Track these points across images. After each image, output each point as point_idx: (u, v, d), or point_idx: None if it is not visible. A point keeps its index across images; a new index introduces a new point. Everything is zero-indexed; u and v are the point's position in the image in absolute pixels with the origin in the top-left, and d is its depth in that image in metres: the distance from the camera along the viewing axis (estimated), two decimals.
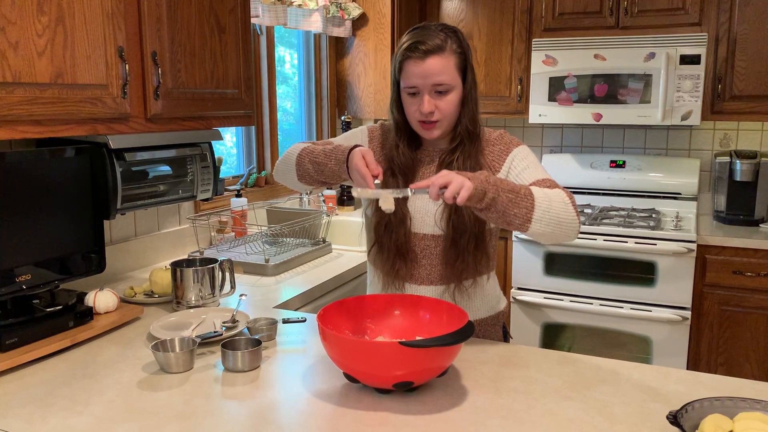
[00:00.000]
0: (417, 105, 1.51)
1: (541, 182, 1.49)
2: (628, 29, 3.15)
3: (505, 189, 1.33)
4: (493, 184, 1.32)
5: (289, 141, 3.47)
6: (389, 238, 1.58)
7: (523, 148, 1.59)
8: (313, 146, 1.59)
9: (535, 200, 1.36)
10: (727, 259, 2.85)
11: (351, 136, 1.70)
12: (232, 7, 2.07)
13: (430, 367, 1.24)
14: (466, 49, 1.52)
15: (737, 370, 2.88)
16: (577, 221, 1.42)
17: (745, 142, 3.32)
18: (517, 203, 1.34)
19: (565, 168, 3.56)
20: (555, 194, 1.41)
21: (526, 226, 1.36)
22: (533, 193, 1.37)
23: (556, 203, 1.39)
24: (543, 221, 1.36)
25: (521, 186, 1.37)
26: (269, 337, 1.59)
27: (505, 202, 1.32)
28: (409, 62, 1.48)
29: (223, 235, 2.63)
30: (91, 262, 1.79)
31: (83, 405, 1.26)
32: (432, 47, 1.46)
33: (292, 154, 1.62)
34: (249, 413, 1.22)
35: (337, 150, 1.50)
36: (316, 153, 1.55)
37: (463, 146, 1.55)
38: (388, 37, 3.39)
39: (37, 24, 1.47)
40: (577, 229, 1.43)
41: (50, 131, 1.54)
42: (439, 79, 1.47)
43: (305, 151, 1.59)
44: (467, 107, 1.54)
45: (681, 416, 1.06)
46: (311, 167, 1.56)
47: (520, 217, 1.34)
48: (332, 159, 1.50)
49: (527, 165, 1.54)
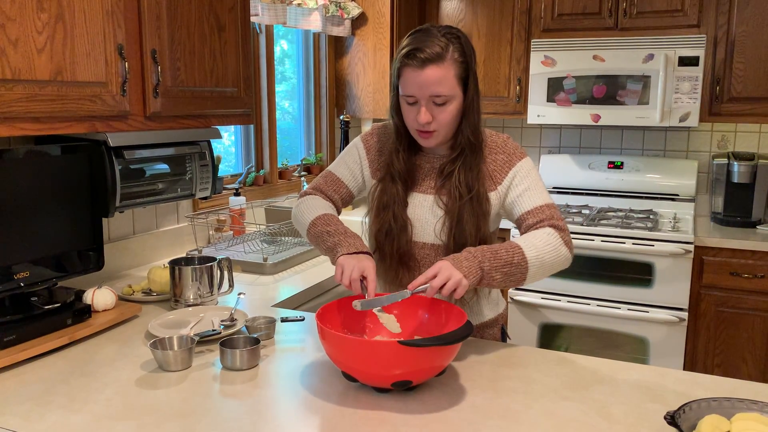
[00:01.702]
0: (414, 114, 1.47)
1: (539, 210, 1.49)
2: (626, 30, 3.16)
3: (498, 267, 1.38)
4: (486, 271, 1.37)
5: (288, 140, 3.47)
6: (391, 246, 1.56)
7: (526, 162, 1.56)
8: (317, 229, 1.55)
9: (528, 263, 1.41)
10: (725, 260, 2.85)
11: (347, 156, 1.68)
12: (232, 5, 2.07)
13: (428, 366, 1.24)
14: (468, 58, 1.46)
15: (734, 371, 2.89)
16: (569, 257, 1.49)
17: (742, 144, 3.33)
18: (512, 274, 1.41)
19: (563, 169, 3.56)
20: (545, 242, 1.44)
21: (517, 285, 1.45)
22: (525, 254, 1.41)
23: (548, 254, 1.44)
24: (536, 276, 1.45)
25: (512, 251, 1.40)
26: (268, 335, 1.59)
27: (500, 279, 1.40)
28: (406, 70, 1.43)
29: (222, 234, 2.63)
30: (90, 259, 1.79)
31: (81, 403, 1.26)
32: (430, 56, 1.40)
33: (303, 224, 1.61)
34: (247, 412, 1.22)
35: (335, 248, 1.48)
36: (319, 240, 1.54)
37: (463, 156, 1.51)
38: (387, 36, 3.39)
39: (36, 21, 1.46)
40: (570, 260, 1.50)
41: (49, 128, 1.54)
42: (437, 90, 1.42)
43: (310, 233, 1.57)
44: (469, 118, 1.49)
45: (678, 417, 1.06)
46: (316, 248, 1.58)
47: (515, 282, 1.43)
48: (331, 256, 1.50)
49: (527, 186, 1.52)
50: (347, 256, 1.42)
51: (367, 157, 1.64)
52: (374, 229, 1.59)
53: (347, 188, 1.67)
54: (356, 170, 1.66)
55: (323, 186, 1.67)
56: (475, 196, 1.50)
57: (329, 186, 1.67)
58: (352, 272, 1.38)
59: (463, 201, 1.49)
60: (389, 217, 1.55)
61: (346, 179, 1.67)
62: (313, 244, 1.58)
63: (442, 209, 1.53)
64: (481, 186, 1.52)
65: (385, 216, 1.55)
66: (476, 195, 1.50)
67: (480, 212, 1.50)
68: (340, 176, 1.67)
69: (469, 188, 1.50)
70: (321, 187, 1.67)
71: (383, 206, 1.56)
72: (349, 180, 1.67)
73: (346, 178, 1.67)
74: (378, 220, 1.57)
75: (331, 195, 1.66)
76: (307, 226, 1.58)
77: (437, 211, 1.54)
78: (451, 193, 1.52)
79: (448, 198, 1.52)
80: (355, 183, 1.67)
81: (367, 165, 1.64)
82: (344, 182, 1.67)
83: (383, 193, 1.57)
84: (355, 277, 1.38)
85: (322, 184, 1.68)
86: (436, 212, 1.54)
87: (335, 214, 1.60)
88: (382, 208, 1.56)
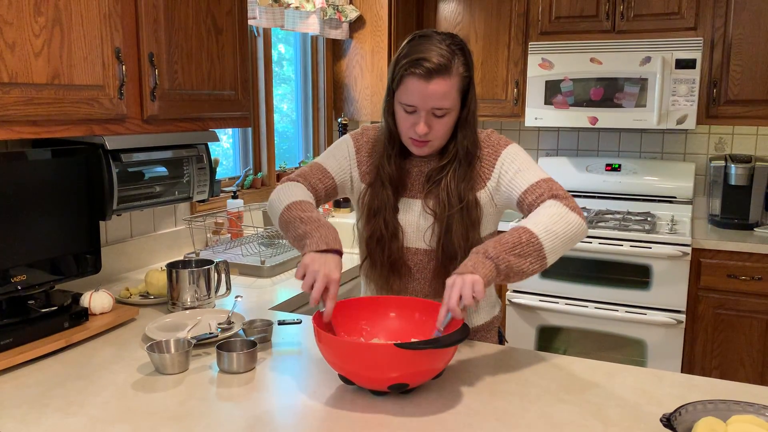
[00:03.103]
0: (411, 123, 1.44)
1: (535, 186, 1.45)
2: (624, 33, 3.17)
3: (507, 250, 1.30)
4: (494, 256, 1.29)
5: (286, 143, 3.48)
6: (382, 253, 1.54)
7: (512, 147, 1.52)
8: (290, 214, 1.47)
9: (539, 238, 1.33)
10: (722, 262, 2.86)
11: (336, 150, 1.63)
12: (229, 8, 2.08)
13: (425, 369, 1.24)
14: (471, 71, 1.44)
15: (731, 373, 2.89)
16: (582, 223, 1.40)
17: (739, 147, 3.33)
18: (528, 254, 1.32)
19: (560, 171, 3.57)
20: (550, 214, 1.37)
21: (544, 264, 1.34)
22: (531, 231, 1.33)
23: (557, 225, 1.36)
24: (556, 250, 1.35)
25: (516, 233, 1.34)
26: (265, 338, 1.59)
27: (517, 262, 1.31)
28: (411, 79, 1.39)
29: (219, 237, 2.63)
30: (87, 262, 1.79)
31: (78, 406, 1.26)
32: (437, 67, 1.37)
33: (276, 208, 1.53)
34: (244, 415, 1.22)
35: (304, 238, 1.40)
36: (289, 226, 1.46)
37: (454, 164, 1.48)
38: (385, 39, 3.40)
39: (34, 24, 1.47)
40: (586, 228, 1.42)
41: (46, 132, 1.54)
42: (440, 103, 1.40)
43: (283, 217, 1.49)
44: (467, 129, 1.47)
45: (675, 419, 1.06)
46: (285, 235, 1.51)
47: (536, 261, 1.33)
48: (298, 246, 1.44)
49: (518, 168, 1.48)
50: (313, 255, 1.34)
51: (357, 156, 1.61)
52: (366, 236, 1.57)
53: (333, 180, 1.60)
54: (345, 165, 1.61)
55: (308, 174, 1.60)
56: (466, 205, 1.48)
57: (314, 174, 1.60)
58: (315, 280, 1.30)
59: (453, 210, 1.47)
60: (380, 223, 1.53)
61: (333, 171, 1.60)
62: (283, 231, 1.50)
63: (430, 215, 1.52)
64: (472, 194, 1.49)
65: (376, 223, 1.53)
66: (466, 205, 1.48)
67: (469, 221, 1.48)
68: (328, 167, 1.61)
69: (460, 198, 1.47)
70: (306, 175, 1.59)
71: (374, 212, 1.54)
72: (336, 172, 1.60)
73: (333, 170, 1.60)
74: (369, 226, 1.55)
75: (315, 184, 1.58)
76: (281, 210, 1.49)
77: (427, 217, 1.53)
78: (439, 200, 1.49)
79: (435, 204, 1.50)
80: (341, 177, 1.61)
81: (356, 164, 1.61)
82: (331, 173, 1.60)
83: (373, 198, 1.54)
84: (318, 288, 1.30)
85: (307, 172, 1.60)
86: (426, 218, 1.53)
87: (312, 203, 1.52)
88: (372, 214, 1.54)
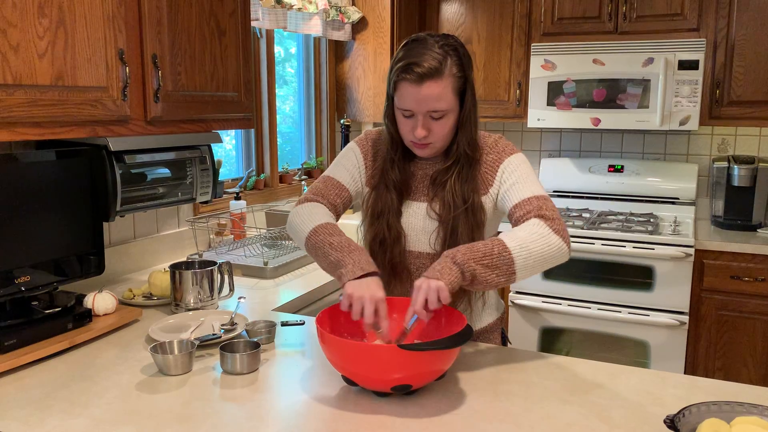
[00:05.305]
0: (410, 126, 1.45)
1: (526, 202, 1.43)
2: (626, 34, 3.16)
3: (476, 258, 1.31)
4: (461, 262, 1.30)
5: (289, 144, 3.48)
6: (384, 256, 1.54)
7: (516, 157, 1.52)
8: (318, 238, 1.46)
9: (512, 253, 1.33)
10: (725, 263, 2.85)
11: (345, 160, 1.63)
12: (233, 10, 2.08)
13: (428, 370, 1.24)
14: (466, 70, 1.44)
15: (735, 374, 2.88)
16: (564, 247, 1.39)
17: (743, 148, 3.33)
18: (496, 266, 1.33)
19: (563, 172, 3.57)
20: (529, 232, 1.37)
21: (512, 279, 1.35)
22: (505, 245, 1.34)
23: (535, 243, 1.36)
24: (528, 267, 1.35)
25: (490, 243, 1.34)
26: (268, 339, 1.59)
27: (483, 272, 1.32)
28: (403, 84, 1.41)
29: (222, 238, 2.63)
30: (90, 264, 1.79)
31: (82, 407, 1.26)
32: (428, 71, 1.37)
33: (301, 231, 1.52)
34: (247, 416, 1.22)
35: (338, 266, 1.40)
36: (319, 251, 1.46)
37: (458, 166, 1.49)
38: (387, 41, 3.40)
39: (38, 26, 1.47)
40: (567, 253, 1.41)
41: (50, 133, 1.55)
42: (435, 106, 1.41)
43: (310, 242, 1.48)
44: (466, 130, 1.47)
45: (678, 420, 1.06)
46: (314, 258, 1.50)
47: (503, 275, 1.34)
48: (332, 273, 1.43)
49: (515, 180, 1.48)
50: (353, 284, 1.33)
51: (365, 162, 1.62)
52: (368, 238, 1.57)
53: (348, 192, 1.62)
54: (355, 174, 1.63)
55: (324, 190, 1.60)
56: (470, 207, 1.48)
57: (330, 190, 1.60)
58: (364, 307, 1.30)
59: (458, 212, 1.48)
60: (383, 226, 1.53)
61: (346, 183, 1.61)
62: (311, 255, 1.50)
63: (435, 219, 1.52)
64: (476, 196, 1.50)
65: (379, 225, 1.54)
66: (471, 206, 1.48)
67: (474, 223, 1.49)
68: (341, 180, 1.62)
69: (464, 199, 1.48)
70: (322, 192, 1.60)
71: (377, 215, 1.54)
72: (349, 184, 1.62)
73: (346, 182, 1.62)
74: (372, 229, 1.55)
75: (333, 200, 1.59)
76: (306, 234, 1.49)
77: (431, 220, 1.53)
78: (444, 202, 1.50)
79: (441, 207, 1.51)
80: (355, 187, 1.63)
81: (365, 170, 1.62)
82: (345, 186, 1.61)
83: (377, 200, 1.55)
84: (368, 313, 1.30)
85: (322, 189, 1.61)
86: (430, 221, 1.53)
87: (336, 224, 1.53)
88: (375, 217, 1.55)
